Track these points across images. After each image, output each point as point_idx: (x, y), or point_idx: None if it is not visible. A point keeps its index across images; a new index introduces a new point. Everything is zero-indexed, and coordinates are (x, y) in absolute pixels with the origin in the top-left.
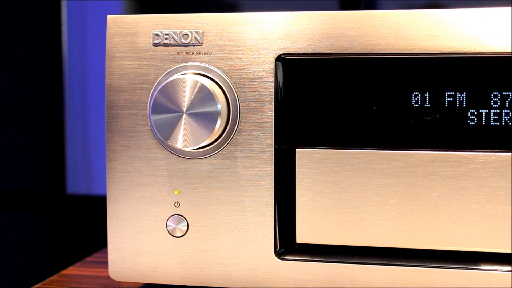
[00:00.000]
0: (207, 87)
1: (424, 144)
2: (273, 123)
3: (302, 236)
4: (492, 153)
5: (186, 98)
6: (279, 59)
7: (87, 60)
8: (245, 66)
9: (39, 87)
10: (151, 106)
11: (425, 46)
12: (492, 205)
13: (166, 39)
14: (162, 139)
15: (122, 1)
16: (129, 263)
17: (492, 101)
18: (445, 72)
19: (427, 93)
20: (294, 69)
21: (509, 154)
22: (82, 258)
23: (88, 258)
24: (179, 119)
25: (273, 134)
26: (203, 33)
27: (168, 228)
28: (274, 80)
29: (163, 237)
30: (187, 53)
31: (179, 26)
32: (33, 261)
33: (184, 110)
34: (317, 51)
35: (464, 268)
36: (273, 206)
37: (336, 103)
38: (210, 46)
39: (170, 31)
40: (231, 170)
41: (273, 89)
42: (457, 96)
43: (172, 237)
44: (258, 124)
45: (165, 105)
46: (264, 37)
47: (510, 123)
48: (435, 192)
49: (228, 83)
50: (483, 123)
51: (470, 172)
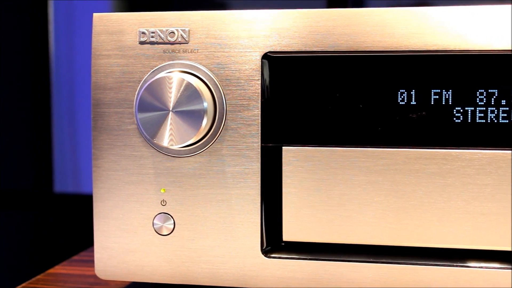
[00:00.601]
0: (193, 85)
1: (410, 142)
2: (260, 121)
3: (289, 234)
4: (478, 151)
5: (172, 96)
6: (266, 57)
7: (75, 59)
8: (232, 64)
9: (26, 86)
10: (137, 104)
11: (411, 44)
12: (478, 203)
13: (153, 37)
14: (149, 137)
15: (111, 1)
16: (116, 262)
17: (478, 99)
18: (431, 70)
19: (413, 91)
20: (281, 67)
21: (494, 152)
22: (69, 257)
23: (75, 257)
24: (165, 117)
25: (260, 132)
26: (190, 31)
27: (155, 227)
28: (261, 78)
29: (150, 236)
30: (174, 51)
31: (166, 24)
32: (19, 260)
33: (170, 108)
34: (303, 49)
35: (450, 265)
36: (260, 204)
37: (323, 101)
38: (197, 44)
39: (156, 29)
40: (218, 168)
41: (260, 87)
42: (443, 94)
43: (159, 236)
44: (245, 122)
45: (151, 103)
46: (250, 35)
47: (496, 121)
48: (421, 190)
49: (215, 81)
50: (469, 121)
51: (456, 170)
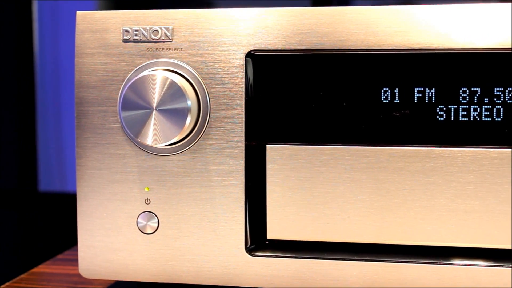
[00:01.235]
0: (177, 84)
1: (394, 140)
2: (244, 120)
3: (273, 232)
4: (461, 149)
5: (156, 95)
6: (249, 55)
7: (61, 57)
8: (215, 63)
9: (10, 84)
10: (121, 103)
11: (394, 42)
12: (461, 200)
13: (136, 35)
14: (132, 136)
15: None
16: (100, 261)
17: (461, 97)
18: (414, 68)
19: (397, 89)
20: (264, 65)
21: (477, 150)
22: (54, 256)
23: (59, 256)
24: (149, 116)
25: (244, 131)
26: (173, 29)
27: (139, 225)
28: (244, 76)
29: (134, 234)
30: (157, 49)
31: (149, 22)
32: (3, 259)
33: (154, 107)
34: (287, 47)
35: (434, 263)
36: (244, 203)
37: (306, 99)
38: (180, 42)
39: (140, 27)
40: (202, 167)
41: (244, 85)
42: (426, 92)
43: (143, 234)
44: (229, 121)
45: (135, 102)
46: (234, 33)
47: (478, 119)
48: (405, 188)
49: (198, 80)
50: (452, 119)
51: (439, 168)
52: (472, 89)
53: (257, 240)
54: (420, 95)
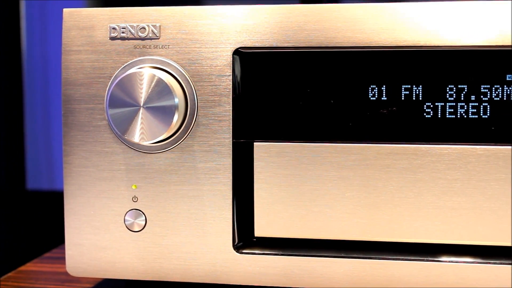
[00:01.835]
0: (164, 81)
1: (381, 137)
2: (231, 117)
3: (260, 230)
4: (448, 146)
5: (143, 92)
6: (237, 53)
7: (49, 54)
8: (203, 60)
9: None
10: (108, 100)
11: (382, 40)
12: (448, 197)
13: (123, 33)
14: (119, 133)
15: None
16: (87, 259)
17: (448, 94)
18: (402, 66)
19: (384, 87)
20: (252, 63)
21: (463, 147)
22: (42, 255)
23: (47, 254)
24: (136, 113)
25: (231, 128)
26: (160, 27)
27: (126, 223)
28: (232, 74)
29: (121, 232)
30: (144, 47)
31: (136, 20)
32: None
33: (141, 104)
34: (275, 45)
35: (421, 260)
36: (231, 200)
37: (294, 97)
38: (168, 40)
39: (127, 25)
40: (189, 164)
41: (231, 83)
42: (413, 89)
43: (130, 232)
44: (216, 118)
45: (122, 99)
46: (222, 31)
47: (466, 116)
48: (392, 185)
49: (186, 77)
50: (439, 116)
51: (426, 165)
52: (459, 87)
53: (245, 238)
54: (407, 93)
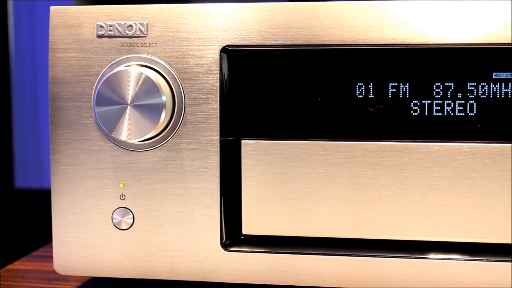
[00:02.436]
0: (152, 79)
1: (368, 135)
2: (219, 115)
3: (248, 228)
4: (435, 143)
5: (131, 90)
6: (224, 51)
7: (38, 52)
8: (190, 58)
9: None
10: (95, 98)
11: (369, 38)
12: (435, 195)
13: (110, 31)
14: (107, 132)
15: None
16: (75, 257)
17: (435, 92)
18: (389, 63)
19: (371, 84)
20: (239, 61)
21: (450, 144)
22: (29, 253)
23: (34, 253)
24: (124, 111)
25: (219, 126)
26: (148, 25)
27: (114, 221)
28: (219, 72)
29: (109, 230)
30: (132, 45)
31: (123, 17)
32: None
33: (129, 102)
34: (262, 43)
35: (408, 257)
36: (219, 198)
37: (281, 94)
38: (155, 38)
39: (114, 23)
40: (177, 162)
41: (218, 81)
42: (400, 87)
43: (118, 230)
44: (204, 116)
45: (110, 97)
46: (209, 29)
47: (452, 114)
48: (379, 182)
49: (173, 75)
50: (426, 114)
51: (413, 162)
52: (446, 84)
53: (233, 236)
54: (394, 90)
